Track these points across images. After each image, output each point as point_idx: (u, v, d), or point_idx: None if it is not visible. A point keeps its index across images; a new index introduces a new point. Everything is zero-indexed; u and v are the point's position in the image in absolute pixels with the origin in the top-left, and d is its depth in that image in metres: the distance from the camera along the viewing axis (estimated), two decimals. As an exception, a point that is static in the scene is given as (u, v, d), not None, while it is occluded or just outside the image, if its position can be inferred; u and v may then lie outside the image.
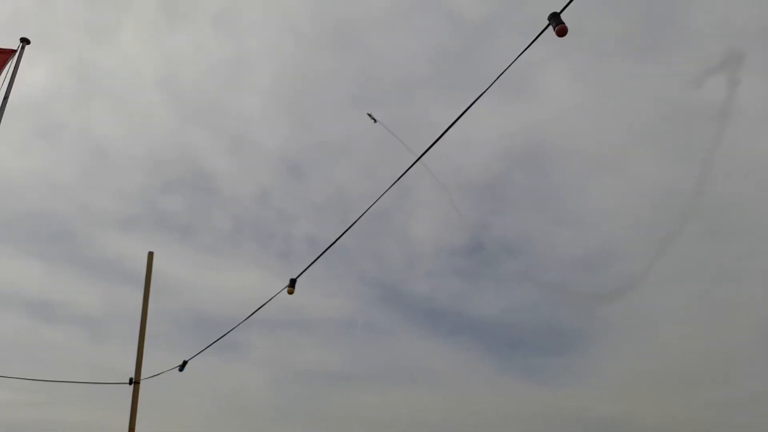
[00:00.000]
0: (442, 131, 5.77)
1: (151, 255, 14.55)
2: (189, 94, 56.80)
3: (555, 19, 4.73)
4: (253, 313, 9.56)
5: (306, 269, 8.33)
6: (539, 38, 4.90)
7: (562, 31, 4.69)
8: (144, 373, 12.67)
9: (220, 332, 10.79)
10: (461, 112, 5.56)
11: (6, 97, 9.52)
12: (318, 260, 8.31)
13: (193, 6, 57.91)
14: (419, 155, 6.39)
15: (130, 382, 12.56)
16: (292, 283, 8.52)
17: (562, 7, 4.69)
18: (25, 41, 9.96)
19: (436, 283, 56.12)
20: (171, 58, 57.78)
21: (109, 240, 46.91)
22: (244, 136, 60.82)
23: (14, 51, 9.81)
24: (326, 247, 7.92)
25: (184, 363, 12.58)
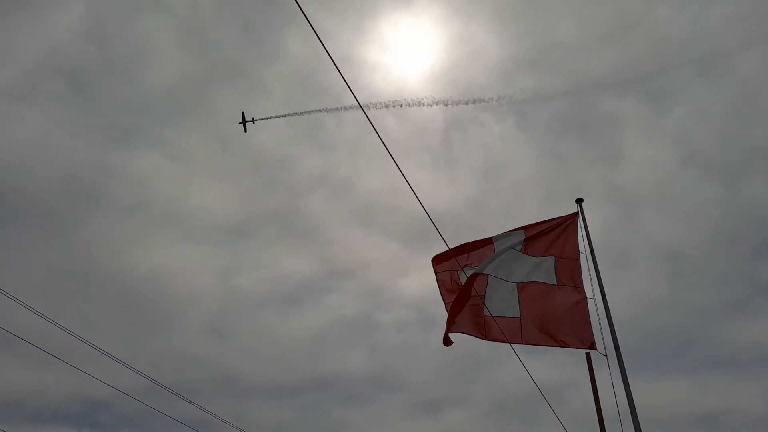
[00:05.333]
0: None
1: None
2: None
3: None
4: None
5: None
6: None
7: None
8: None
9: None
10: None
11: (592, 250, 11.99)
12: None
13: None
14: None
15: None
16: None
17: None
18: (579, 200, 12.86)
19: None
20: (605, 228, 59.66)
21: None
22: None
23: (576, 213, 12.68)
24: None
25: None
